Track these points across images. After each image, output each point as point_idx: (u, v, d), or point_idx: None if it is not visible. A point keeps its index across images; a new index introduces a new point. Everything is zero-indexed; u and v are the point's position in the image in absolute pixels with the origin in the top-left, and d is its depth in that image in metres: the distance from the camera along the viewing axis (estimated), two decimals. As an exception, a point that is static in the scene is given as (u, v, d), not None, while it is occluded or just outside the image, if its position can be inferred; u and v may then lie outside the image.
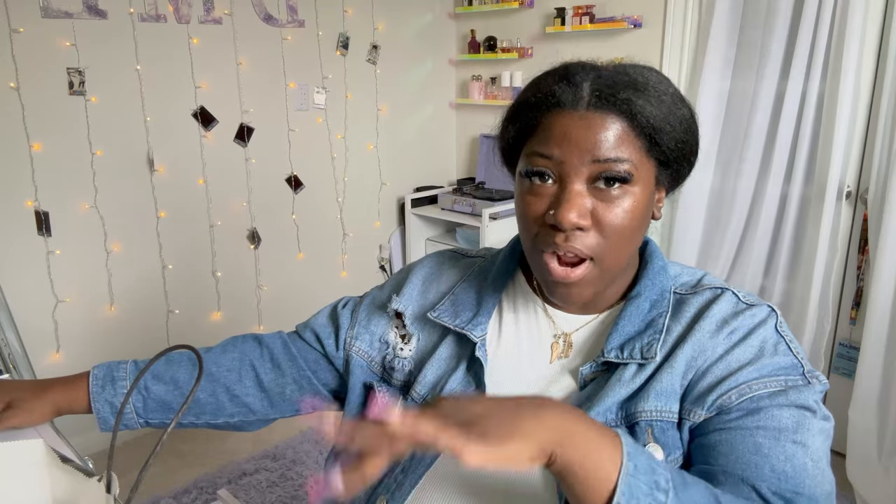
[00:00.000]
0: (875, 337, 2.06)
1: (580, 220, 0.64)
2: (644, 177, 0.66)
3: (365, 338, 0.87)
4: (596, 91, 0.64)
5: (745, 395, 0.65)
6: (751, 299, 0.73)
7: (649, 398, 0.67)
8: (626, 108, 0.64)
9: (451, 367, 0.78)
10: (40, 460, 0.69)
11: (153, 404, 0.87)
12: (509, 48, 3.09)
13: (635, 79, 0.65)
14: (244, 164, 2.69)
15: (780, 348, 0.68)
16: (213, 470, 2.31)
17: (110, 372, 0.88)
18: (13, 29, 2.04)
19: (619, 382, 0.69)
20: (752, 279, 2.43)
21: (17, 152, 2.13)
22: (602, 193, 0.65)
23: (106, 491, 0.64)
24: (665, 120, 0.65)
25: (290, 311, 2.95)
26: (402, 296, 0.86)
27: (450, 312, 0.80)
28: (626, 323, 0.72)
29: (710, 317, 0.70)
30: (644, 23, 2.64)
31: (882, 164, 2.05)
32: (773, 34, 2.26)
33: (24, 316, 2.13)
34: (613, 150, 0.64)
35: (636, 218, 0.67)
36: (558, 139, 0.65)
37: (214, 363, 0.91)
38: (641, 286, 0.75)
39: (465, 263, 0.88)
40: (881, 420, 2.11)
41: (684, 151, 0.69)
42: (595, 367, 0.72)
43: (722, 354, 0.68)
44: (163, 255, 2.52)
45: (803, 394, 0.65)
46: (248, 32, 2.59)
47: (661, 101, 0.65)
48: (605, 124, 0.64)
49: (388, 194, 3.28)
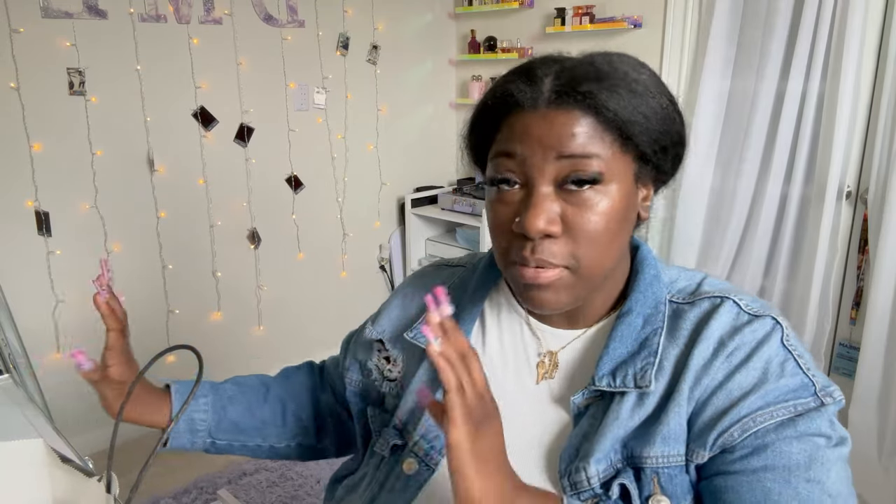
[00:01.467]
0: (875, 337, 2.06)
1: (548, 227, 0.59)
2: (619, 174, 0.60)
3: (355, 366, 0.86)
4: (556, 87, 0.59)
5: (748, 431, 0.59)
6: (754, 308, 0.65)
7: (655, 443, 0.61)
8: (590, 102, 0.58)
9: (432, 392, 0.73)
10: (40, 460, 0.69)
11: (227, 424, 0.87)
12: (509, 48, 3.09)
13: (600, 69, 0.60)
14: (244, 164, 2.69)
15: (788, 367, 0.61)
16: (213, 470, 2.31)
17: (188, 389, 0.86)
18: (13, 29, 2.04)
19: (618, 418, 0.63)
20: (752, 279, 2.43)
21: (17, 152, 2.13)
22: (572, 196, 0.59)
23: (106, 491, 0.64)
24: (636, 111, 0.59)
25: (290, 311, 2.95)
26: (377, 323, 0.84)
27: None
28: (617, 344, 0.66)
29: (708, 336, 0.63)
30: (644, 23, 2.64)
31: (882, 164, 2.05)
32: (773, 34, 2.26)
33: (24, 316, 2.13)
34: (580, 146, 0.58)
35: (613, 221, 0.61)
36: (520, 137, 0.60)
37: (283, 385, 0.93)
38: (633, 300, 0.67)
39: (447, 273, 0.83)
40: (881, 420, 2.11)
41: (663, 144, 0.62)
42: (588, 394, 0.66)
43: (722, 381, 0.61)
44: (163, 255, 2.52)
45: (815, 421, 0.59)
46: (248, 32, 2.59)
47: (633, 91, 0.59)
48: (568, 120, 0.59)
49: (388, 194, 3.28)
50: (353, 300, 3.18)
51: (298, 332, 2.99)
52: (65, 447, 0.82)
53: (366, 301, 3.16)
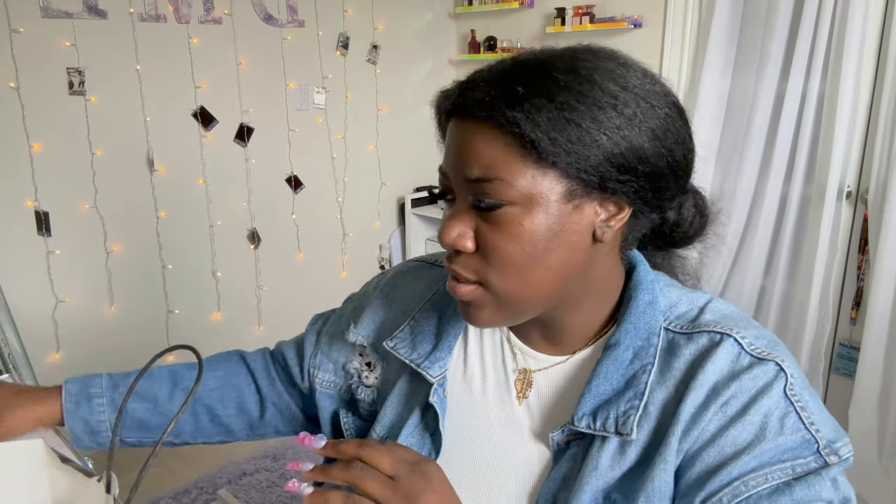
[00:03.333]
0: (875, 337, 2.07)
1: (458, 241, 0.56)
2: (541, 194, 0.53)
3: (328, 366, 0.79)
4: (476, 98, 0.54)
5: (739, 496, 0.53)
6: (757, 348, 0.58)
7: (638, 501, 0.56)
8: (499, 118, 0.52)
9: (407, 409, 0.70)
10: (40, 460, 0.69)
11: (130, 422, 0.83)
12: (509, 48, 3.09)
13: (529, 77, 0.53)
14: (244, 164, 2.69)
15: (788, 423, 0.55)
16: (213, 470, 2.31)
17: (85, 388, 0.82)
18: (13, 29, 2.04)
19: (597, 469, 0.58)
20: (752, 279, 2.43)
21: (17, 152, 2.12)
22: (487, 215, 0.55)
23: (106, 491, 0.63)
24: (559, 132, 0.51)
25: (290, 312, 2.95)
26: (360, 325, 0.77)
27: (407, 343, 0.70)
28: (601, 381, 0.60)
29: (702, 382, 0.57)
30: (644, 23, 2.64)
31: (882, 164, 2.05)
32: (773, 34, 2.26)
33: (24, 316, 2.13)
34: (483, 168, 0.54)
35: (529, 244, 0.54)
36: (446, 152, 0.58)
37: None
38: (622, 332, 0.61)
39: (433, 276, 0.76)
40: (881, 420, 2.11)
41: (607, 170, 0.53)
42: (567, 431, 0.61)
43: (714, 434, 0.55)
44: (163, 255, 2.52)
45: (814, 486, 0.53)
46: (248, 32, 2.59)
47: (565, 105, 0.51)
48: (476, 137, 0.54)
49: (388, 194, 3.27)
50: (353, 300, 3.17)
51: (298, 332, 2.98)
52: (64, 447, 0.82)
53: (366, 301, 3.16)
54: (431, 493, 0.53)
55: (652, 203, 0.58)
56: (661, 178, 0.56)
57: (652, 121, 0.54)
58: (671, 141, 0.56)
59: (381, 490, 0.52)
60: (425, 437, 0.67)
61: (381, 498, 0.52)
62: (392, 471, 0.53)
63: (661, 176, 0.56)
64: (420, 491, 0.53)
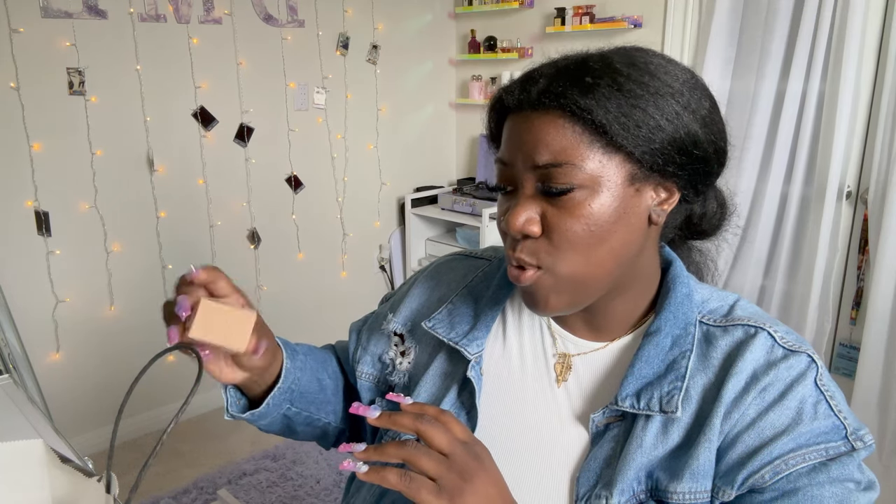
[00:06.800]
0: (875, 337, 2.07)
1: (526, 226, 0.59)
2: (607, 177, 0.58)
3: (367, 360, 0.81)
4: (542, 89, 0.58)
5: (780, 474, 0.57)
6: (789, 341, 0.63)
7: (684, 478, 0.59)
8: (564, 102, 0.56)
9: (443, 387, 0.72)
10: (40, 460, 0.69)
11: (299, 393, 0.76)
12: (509, 48, 3.09)
13: (589, 66, 0.58)
14: (244, 164, 2.69)
15: (821, 409, 0.60)
16: (213, 470, 2.31)
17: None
18: (13, 29, 2.04)
19: (641, 446, 0.61)
20: (752, 279, 2.43)
21: (17, 152, 2.13)
22: (554, 199, 0.58)
23: (105, 491, 0.64)
24: (620, 111, 0.56)
25: (290, 311, 2.95)
26: (398, 314, 0.80)
27: (445, 323, 0.73)
28: (643, 364, 0.63)
29: (742, 368, 0.61)
30: (644, 23, 2.64)
31: (882, 164, 2.05)
32: (773, 34, 2.26)
33: (24, 316, 2.13)
34: (552, 154, 0.57)
35: (595, 224, 0.58)
36: (507, 144, 0.61)
37: (311, 356, 0.81)
38: (662, 320, 0.65)
39: (470, 265, 0.80)
40: (881, 420, 2.11)
41: (677, 148, 0.58)
42: (609, 413, 0.64)
43: (754, 418, 0.60)
44: (163, 255, 2.52)
45: (846, 466, 0.58)
46: (248, 32, 2.59)
47: (623, 89, 0.56)
48: (544, 125, 0.58)
49: (388, 194, 3.28)
50: (353, 300, 3.18)
51: (298, 332, 2.99)
52: (64, 447, 0.82)
53: (366, 301, 3.16)
54: (484, 472, 0.55)
55: (698, 188, 0.63)
56: (708, 163, 0.62)
57: (701, 110, 0.59)
58: (716, 129, 0.61)
59: (435, 468, 0.53)
60: (461, 414, 0.69)
61: (435, 475, 0.53)
62: (447, 448, 0.54)
63: (709, 161, 0.62)
64: (474, 470, 0.54)
